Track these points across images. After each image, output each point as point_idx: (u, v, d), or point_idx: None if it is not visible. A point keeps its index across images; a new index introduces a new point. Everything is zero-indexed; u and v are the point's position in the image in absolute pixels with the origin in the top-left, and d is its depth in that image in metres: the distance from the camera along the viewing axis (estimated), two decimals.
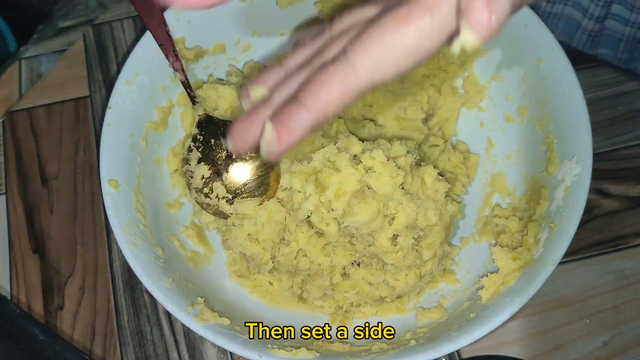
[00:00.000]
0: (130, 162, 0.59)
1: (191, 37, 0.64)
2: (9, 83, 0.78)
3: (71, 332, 0.62)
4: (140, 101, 0.61)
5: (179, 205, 0.63)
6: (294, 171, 0.55)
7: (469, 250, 0.62)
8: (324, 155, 0.54)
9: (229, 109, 0.61)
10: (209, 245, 0.63)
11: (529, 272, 0.51)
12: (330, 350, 0.53)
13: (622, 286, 0.60)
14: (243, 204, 0.56)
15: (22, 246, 0.67)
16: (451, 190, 0.61)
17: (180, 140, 0.65)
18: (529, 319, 0.59)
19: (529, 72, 0.61)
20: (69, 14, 0.82)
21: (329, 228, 0.53)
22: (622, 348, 0.58)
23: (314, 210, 0.53)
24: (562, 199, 0.54)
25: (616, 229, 0.63)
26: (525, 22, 0.60)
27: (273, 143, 0.34)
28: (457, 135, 0.68)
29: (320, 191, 0.52)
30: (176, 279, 0.54)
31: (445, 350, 0.48)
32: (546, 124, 0.59)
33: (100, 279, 0.65)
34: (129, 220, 0.55)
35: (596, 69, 0.71)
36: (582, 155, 0.53)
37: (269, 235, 0.56)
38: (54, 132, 0.73)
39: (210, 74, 0.68)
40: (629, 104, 0.69)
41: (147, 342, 0.61)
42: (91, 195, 0.69)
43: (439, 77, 0.67)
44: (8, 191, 0.70)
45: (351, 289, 0.58)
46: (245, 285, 0.61)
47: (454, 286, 0.60)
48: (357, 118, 0.66)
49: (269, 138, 0.34)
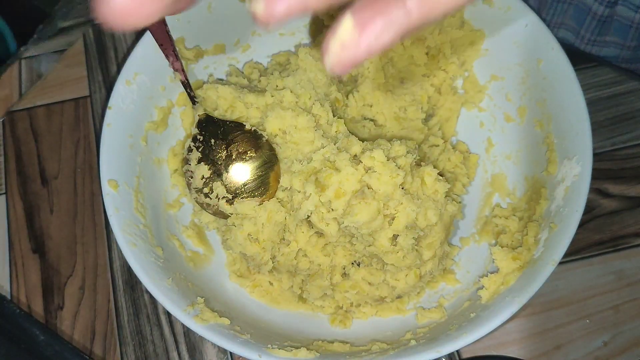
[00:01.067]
0: (130, 162, 0.59)
1: (191, 37, 0.64)
2: (9, 83, 0.78)
3: (71, 332, 0.62)
4: (140, 101, 0.61)
5: (179, 205, 0.63)
6: (294, 171, 0.55)
7: (469, 250, 0.62)
8: (324, 155, 0.54)
9: (229, 109, 0.61)
10: (209, 245, 0.63)
11: (529, 272, 0.51)
12: (330, 350, 0.53)
13: (622, 286, 0.60)
14: (243, 204, 0.56)
15: (22, 246, 0.67)
16: (451, 190, 0.61)
17: (180, 140, 0.65)
18: (529, 319, 0.59)
19: (529, 72, 0.61)
20: (69, 14, 0.82)
21: (329, 228, 0.53)
22: (622, 348, 0.58)
23: (314, 210, 0.53)
24: (562, 199, 0.54)
25: (616, 229, 0.63)
26: (525, 22, 0.60)
27: (351, 45, 0.25)
28: (457, 135, 0.69)
29: (320, 191, 0.52)
30: (176, 279, 0.54)
31: (445, 350, 0.48)
32: (546, 124, 0.59)
33: (100, 279, 0.65)
34: (129, 220, 0.55)
35: (596, 69, 0.71)
36: (582, 155, 0.53)
37: (269, 235, 0.56)
38: (54, 132, 0.73)
39: (210, 74, 0.68)
40: (629, 104, 0.69)
41: (147, 342, 0.61)
42: (91, 195, 0.69)
43: (439, 77, 0.67)
44: (8, 191, 0.70)
45: (351, 289, 0.58)
46: (245, 285, 0.61)
47: (454, 286, 0.60)
48: (357, 118, 0.66)
49: (345, 38, 0.25)
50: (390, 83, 0.67)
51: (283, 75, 0.63)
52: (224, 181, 0.57)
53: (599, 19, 0.72)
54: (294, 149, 0.58)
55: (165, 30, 0.58)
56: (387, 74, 0.67)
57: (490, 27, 0.64)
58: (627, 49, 0.74)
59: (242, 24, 0.67)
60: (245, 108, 0.61)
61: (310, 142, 0.58)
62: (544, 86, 0.59)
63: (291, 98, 0.60)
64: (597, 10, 0.71)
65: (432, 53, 0.67)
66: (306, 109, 0.60)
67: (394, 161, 0.52)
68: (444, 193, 0.55)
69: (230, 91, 0.61)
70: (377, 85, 0.66)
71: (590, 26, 0.73)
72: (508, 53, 0.63)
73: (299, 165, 0.55)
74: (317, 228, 0.54)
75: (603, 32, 0.73)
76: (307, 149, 0.58)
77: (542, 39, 0.59)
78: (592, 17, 0.72)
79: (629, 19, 0.70)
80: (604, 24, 0.72)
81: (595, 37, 0.74)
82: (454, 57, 0.66)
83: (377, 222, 0.51)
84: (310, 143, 0.58)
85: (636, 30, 0.71)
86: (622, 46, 0.74)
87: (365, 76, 0.67)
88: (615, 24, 0.71)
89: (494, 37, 0.64)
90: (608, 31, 0.73)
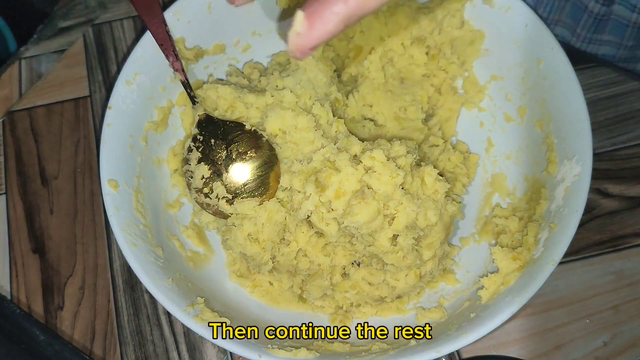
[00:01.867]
0: (130, 162, 0.59)
1: (191, 37, 0.64)
2: (9, 83, 0.78)
3: (71, 332, 0.62)
4: (140, 101, 0.61)
5: (179, 205, 0.63)
6: (294, 171, 0.55)
7: (469, 250, 0.62)
8: (324, 155, 0.54)
9: (229, 109, 0.61)
10: (208, 245, 0.63)
11: (529, 272, 0.51)
12: (330, 350, 0.53)
13: (622, 286, 0.60)
14: (243, 204, 0.56)
15: (22, 246, 0.67)
16: (451, 190, 0.61)
17: (180, 140, 0.65)
18: (529, 319, 0.59)
19: (529, 72, 0.61)
20: (69, 14, 0.82)
21: (329, 228, 0.53)
22: (622, 348, 0.58)
23: (314, 210, 0.53)
24: (562, 199, 0.54)
25: (616, 229, 0.63)
26: (525, 22, 0.60)
27: (304, 33, 0.32)
28: (457, 135, 0.69)
29: (321, 191, 0.52)
30: (176, 279, 0.54)
31: (445, 350, 0.48)
32: (546, 124, 0.59)
33: (100, 279, 0.65)
34: (129, 220, 0.55)
35: (596, 69, 0.71)
36: (582, 155, 0.53)
37: (269, 235, 0.56)
38: (54, 132, 0.73)
39: (210, 74, 0.68)
40: (629, 104, 0.69)
41: (147, 342, 0.61)
42: (91, 195, 0.69)
43: (439, 77, 0.68)
44: (8, 191, 0.70)
45: (351, 289, 0.58)
46: (245, 285, 0.61)
47: (454, 286, 0.60)
48: (357, 118, 0.66)
49: (299, 29, 0.32)
50: (390, 83, 0.67)
51: (283, 75, 0.63)
52: (224, 181, 0.57)
53: (596, 17, 0.72)
54: (294, 149, 0.58)
55: (165, 30, 0.59)
56: (387, 74, 0.67)
57: (490, 27, 0.64)
58: (623, 49, 0.74)
59: (242, 24, 0.67)
60: (245, 108, 0.61)
61: (310, 142, 0.58)
62: (544, 86, 0.59)
63: (291, 98, 0.60)
64: (593, 8, 0.71)
65: (432, 53, 0.67)
66: (306, 109, 0.60)
67: (394, 161, 0.52)
68: (444, 193, 0.55)
69: (230, 91, 0.61)
70: (377, 85, 0.66)
71: (587, 24, 0.73)
72: (508, 53, 0.63)
73: (299, 165, 0.55)
74: (317, 228, 0.54)
75: (599, 30, 0.73)
76: (307, 149, 0.58)
77: (542, 39, 0.59)
78: (588, 15, 0.72)
79: (626, 18, 0.70)
80: (601, 23, 0.72)
81: (591, 36, 0.74)
82: (454, 57, 0.66)
83: (377, 222, 0.51)
84: (310, 143, 0.58)
85: (633, 29, 0.71)
86: (619, 45, 0.74)
87: (365, 76, 0.67)
88: (612, 22, 0.71)
89: (494, 37, 0.64)
90: (604, 30, 0.73)
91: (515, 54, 0.62)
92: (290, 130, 0.58)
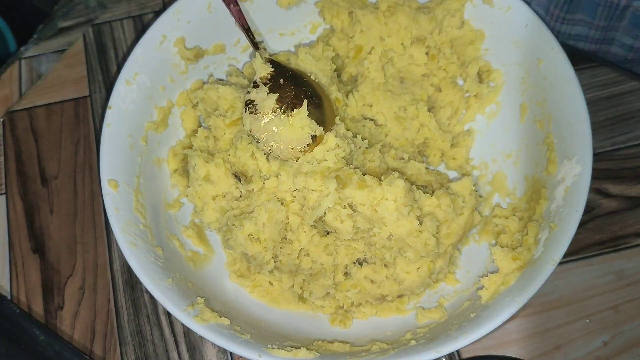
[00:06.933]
0: (130, 162, 0.59)
1: (191, 37, 0.64)
2: (9, 83, 0.78)
3: (71, 332, 0.62)
4: (140, 101, 0.61)
5: (179, 205, 0.63)
6: (305, 171, 0.55)
7: (469, 250, 0.62)
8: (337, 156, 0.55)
9: (229, 109, 0.61)
10: (208, 245, 0.63)
11: (529, 272, 0.51)
12: (330, 350, 0.53)
13: (622, 286, 0.60)
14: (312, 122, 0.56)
15: (22, 246, 0.67)
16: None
17: (180, 140, 0.65)
18: (529, 319, 0.59)
19: (529, 72, 0.61)
20: (69, 14, 0.82)
21: (344, 225, 0.53)
22: (622, 348, 0.58)
23: (332, 207, 0.53)
24: (562, 199, 0.54)
25: (616, 229, 0.63)
26: (525, 22, 0.60)
27: None
28: (463, 131, 0.68)
29: (341, 188, 0.52)
30: (176, 279, 0.54)
31: (445, 350, 0.48)
32: (546, 124, 0.59)
33: (100, 279, 0.65)
34: (129, 220, 0.55)
35: (596, 69, 0.71)
36: (582, 155, 0.53)
37: (270, 235, 0.56)
38: (54, 132, 0.73)
39: (210, 74, 0.68)
40: (629, 104, 0.69)
41: (147, 342, 0.61)
42: (91, 195, 0.69)
43: (439, 77, 0.67)
44: (8, 191, 0.70)
45: (353, 288, 0.58)
46: (245, 285, 0.61)
47: (454, 286, 0.60)
48: (357, 118, 0.66)
49: None
50: (390, 83, 0.67)
51: None
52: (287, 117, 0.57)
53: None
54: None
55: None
56: (387, 74, 0.67)
57: (490, 27, 0.64)
58: (595, 28, 0.73)
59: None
60: None
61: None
62: (544, 86, 0.59)
63: None
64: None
65: (432, 53, 0.67)
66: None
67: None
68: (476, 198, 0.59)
69: (231, 91, 0.61)
70: (377, 85, 0.66)
71: (559, 3, 0.72)
72: (508, 53, 0.63)
73: (309, 166, 0.55)
74: (331, 227, 0.54)
75: (572, 10, 0.72)
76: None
77: (542, 39, 0.59)
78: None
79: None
80: (573, 2, 0.72)
81: (564, 15, 0.73)
82: (454, 57, 0.66)
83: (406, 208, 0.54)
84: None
85: (603, 9, 0.70)
86: (591, 25, 0.73)
87: (365, 76, 0.67)
88: (584, 2, 0.71)
89: (494, 37, 0.64)
90: (577, 9, 0.72)
91: (515, 54, 0.62)
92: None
